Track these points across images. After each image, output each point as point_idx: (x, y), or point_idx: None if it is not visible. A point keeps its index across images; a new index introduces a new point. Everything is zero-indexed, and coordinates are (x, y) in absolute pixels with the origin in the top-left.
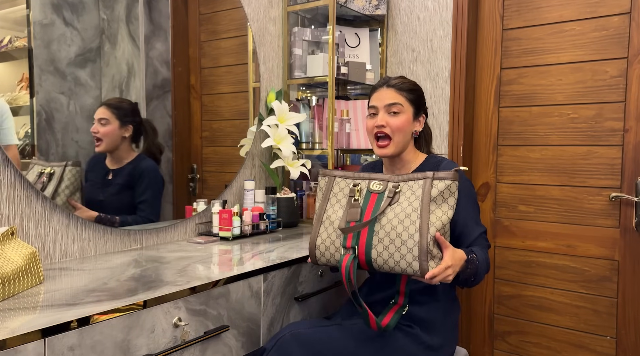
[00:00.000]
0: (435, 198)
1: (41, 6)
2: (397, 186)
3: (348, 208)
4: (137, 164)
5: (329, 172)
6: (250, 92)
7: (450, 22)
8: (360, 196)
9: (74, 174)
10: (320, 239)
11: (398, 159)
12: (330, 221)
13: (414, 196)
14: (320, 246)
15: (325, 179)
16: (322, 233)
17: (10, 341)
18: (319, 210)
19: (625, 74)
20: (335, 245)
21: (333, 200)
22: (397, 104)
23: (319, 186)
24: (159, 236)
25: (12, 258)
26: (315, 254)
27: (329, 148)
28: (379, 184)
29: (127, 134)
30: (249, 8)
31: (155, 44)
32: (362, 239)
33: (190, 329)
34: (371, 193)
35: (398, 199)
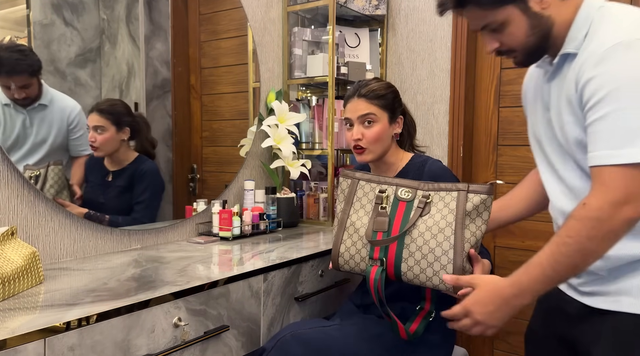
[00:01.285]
0: (470, 212)
1: (41, 6)
2: (427, 195)
3: (375, 216)
4: (137, 166)
5: (351, 173)
6: (250, 92)
7: (450, 22)
8: (388, 203)
9: (57, 173)
10: (345, 247)
11: (381, 163)
12: (355, 228)
13: (447, 209)
14: (344, 253)
15: (348, 181)
16: (346, 240)
17: (10, 341)
18: (342, 215)
19: None
20: (361, 254)
21: (357, 205)
22: (370, 114)
23: (340, 187)
24: (159, 236)
25: (12, 258)
26: (339, 262)
27: (329, 148)
28: (407, 192)
29: (126, 137)
30: (249, 8)
31: (155, 44)
32: (391, 251)
33: (190, 329)
34: (399, 201)
35: (429, 211)
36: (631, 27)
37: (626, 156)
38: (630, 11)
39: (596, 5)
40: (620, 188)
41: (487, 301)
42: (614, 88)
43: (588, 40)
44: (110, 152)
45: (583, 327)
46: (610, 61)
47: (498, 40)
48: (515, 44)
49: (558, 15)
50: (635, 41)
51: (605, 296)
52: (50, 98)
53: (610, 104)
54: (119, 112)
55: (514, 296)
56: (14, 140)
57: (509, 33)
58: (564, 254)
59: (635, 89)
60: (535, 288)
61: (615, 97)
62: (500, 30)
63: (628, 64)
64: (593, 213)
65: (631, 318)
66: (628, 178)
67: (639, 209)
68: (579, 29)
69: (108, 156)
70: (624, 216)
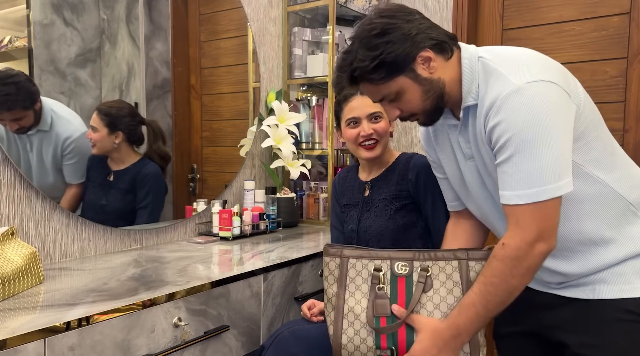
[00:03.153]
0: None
1: (41, 6)
2: (426, 268)
3: (373, 298)
4: (140, 169)
5: (337, 251)
6: (250, 92)
7: (450, 22)
8: (385, 282)
9: None
10: (347, 338)
11: (375, 161)
12: (354, 314)
13: (451, 281)
14: (347, 345)
15: (336, 261)
16: (347, 329)
17: (10, 341)
18: (336, 299)
19: (625, 74)
20: (367, 344)
21: (352, 287)
22: (378, 111)
23: (329, 268)
24: (159, 236)
25: (12, 258)
26: (342, 355)
27: (329, 148)
28: (404, 266)
29: (118, 141)
30: (249, 8)
31: (155, 44)
32: (401, 337)
33: (190, 329)
34: (397, 277)
35: (432, 285)
36: (516, 74)
37: (531, 196)
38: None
39: (474, 56)
40: (532, 226)
41: (429, 346)
42: (514, 133)
43: (482, 91)
44: (105, 152)
45: (556, 317)
46: (507, 108)
47: (398, 108)
48: (414, 109)
49: (446, 75)
50: (522, 86)
51: (579, 287)
52: (51, 123)
53: (512, 147)
54: (114, 116)
55: (452, 337)
56: (17, 162)
57: (406, 101)
58: (492, 294)
59: (532, 130)
60: (471, 327)
61: (516, 141)
62: (398, 99)
63: (522, 108)
64: (512, 252)
65: (609, 303)
66: (536, 216)
67: (550, 243)
68: (470, 83)
69: (109, 156)
70: (538, 252)
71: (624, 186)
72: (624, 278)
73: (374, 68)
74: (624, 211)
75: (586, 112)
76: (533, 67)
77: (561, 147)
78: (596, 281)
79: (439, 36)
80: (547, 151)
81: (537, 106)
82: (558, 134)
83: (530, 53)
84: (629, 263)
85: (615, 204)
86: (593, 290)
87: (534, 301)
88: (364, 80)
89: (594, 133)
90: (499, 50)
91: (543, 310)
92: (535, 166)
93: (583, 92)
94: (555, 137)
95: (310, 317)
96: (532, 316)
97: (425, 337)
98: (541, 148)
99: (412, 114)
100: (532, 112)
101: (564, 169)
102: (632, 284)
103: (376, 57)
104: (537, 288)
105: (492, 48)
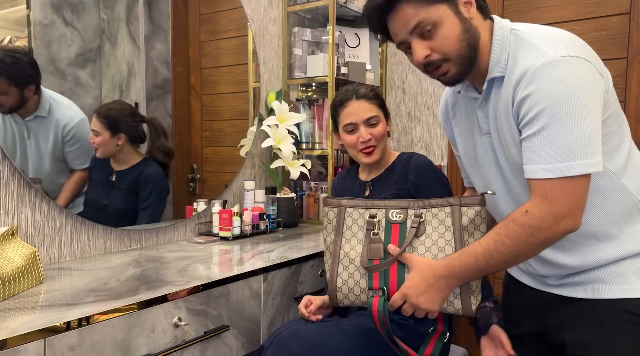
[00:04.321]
0: (467, 226)
1: (41, 6)
2: (419, 214)
3: (368, 244)
4: (142, 169)
5: (335, 201)
6: (250, 92)
7: None
8: (380, 228)
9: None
10: (342, 280)
11: (376, 162)
12: (349, 258)
13: (443, 226)
14: (342, 287)
15: (335, 210)
16: (342, 272)
17: (10, 341)
18: (334, 246)
19: (625, 74)
20: (360, 286)
21: (348, 234)
22: (374, 116)
23: (327, 217)
24: (159, 236)
25: (12, 258)
26: (337, 297)
27: (329, 148)
28: (398, 214)
29: (120, 142)
30: (249, 8)
31: (155, 44)
32: (392, 278)
33: (190, 329)
34: (392, 224)
35: (425, 230)
36: (551, 47)
37: (562, 170)
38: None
39: (507, 28)
40: (561, 201)
41: (420, 282)
42: (547, 105)
43: (511, 62)
44: (109, 155)
45: (557, 317)
46: (540, 79)
47: (429, 47)
48: (449, 50)
49: (481, 30)
50: (558, 59)
51: (578, 286)
52: (49, 109)
53: (544, 120)
54: (112, 117)
55: (444, 277)
56: (13, 150)
57: (442, 36)
58: (499, 251)
59: (565, 104)
60: (465, 274)
61: (548, 114)
62: (433, 33)
63: (556, 81)
64: (534, 221)
65: (608, 304)
66: (567, 191)
67: (576, 221)
68: (499, 53)
69: (112, 157)
70: (562, 228)
71: (634, 184)
72: (624, 278)
73: None
74: (632, 210)
75: (612, 101)
76: (569, 43)
77: (593, 125)
78: (595, 281)
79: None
80: (580, 126)
81: (573, 80)
82: (591, 111)
83: (567, 33)
84: (628, 262)
85: (623, 201)
86: (592, 290)
87: (537, 302)
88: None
89: (615, 125)
90: (533, 26)
91: (546, 310)
92: (568, 140)
93: (611, 81)
94: (589, 114)
95: (308, 316)
96: (536, 317)
97: (417, 274)
98: (574, 123)
99: (444, 57)
100: (567, 85)
101: (595, 147)
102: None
103: None
104: (534, 286)
105: (527, 24)
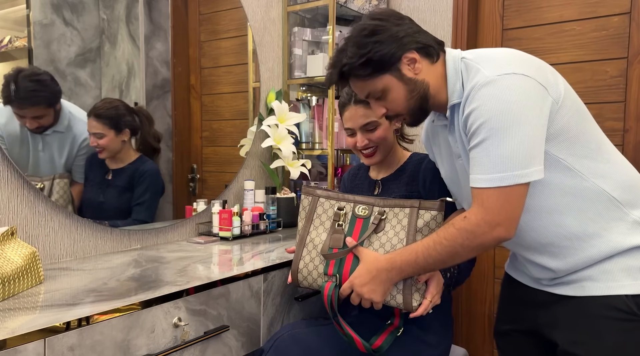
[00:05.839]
0: (421, 228)
1: (41, 6)
2: (382, 212)
3: (332, 233)
4: (138, 166)
5: (311, 190)
6: (250, 92)
7: (450, 22)
8: (345, 221)
9: (62, 187)
10: (303, 263)
11: (384, 161)
12: (313, 244)
13: (399, 225)
14: (302, 270)
15: (309, 199)
16: (305, 256)
17: (10, 341)
18: (302, 232)
19: (625, 74)
20: (318, 271)
21: (317, 222)
22: (371, 122)
23: (302, 204)
24: (159, 236)
25: (12, 258)
26: (298, 278)
27: (329, 148)
28: (364, 209)
29: (126, 138)
30: (249, 8)
31: (155, 44)
32: (346, 267)
33: (190, 329)
34: (356, 218)
35: (384, 227)
36: (490, 68)
37: (496, 180)
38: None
39: (457, 57)
40: (495, 209)
41: (364, 272)
42: (485, 120)
43: (465, 88)
44: (114, 154)
45: (549, 315)
46: (479, 98)
47: (384, 106)
48: (399, 109)
49: (431, 78)
50: (495, 78)
51: (569, 284)
52: (67, 124)
53: (483, 134)
54: (116, 115)
55: (386, 270)
56: (25, 161)
57: (391, 100)
58: (437, 251)
59: (500, 119)
60: (405, 269)
61: (486, 128)
62: (384, 97)
63: (492, 98)
64: (470, 227)
65: (596, 300)
66: (501, 200)
67: (510, 231)
68: (454, 82)
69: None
70: (495, 235)
71: (607, 181)
72: (611, 275)
73: (361, 65)
74: (608, 206)
75: (567, 107)
76: (507, 62)
77: (530, 137)
78: (584, 278)
79: (425, 40)
80: (515, 139)
81: (507, 96)
82: (528, 124)
83: (511, 51)
84: (615, 260)
85: (597, 198)
86: (581, 287)
87: (531, 300)
88: (352, 76)
89: (576, 128)
90: (481, 51)
91: (538, 308)
92: (502, 152)
93: (564, 88)
94: (524, 127)
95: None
96: (529, 315)
97: (363, 266)
98: (509, 136)
99: (397, 113)
100: (502, 101)
101: (531, 158)
102: (619, 281)
103: (364, 54)
104: (530, 285)
105: (476, 50)
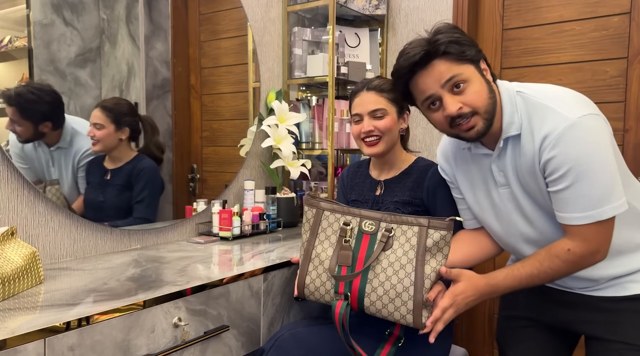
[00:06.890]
0: (430, 248)
1: (41, 6)
2: (390, 229)
3: (339, 249)
4: (135, 164)
5: (315, 202)
6: (250, 92)
7: (451, 22)
8: (352, 236)
9: (55, 193)
10: (310, 279)
11: (385, 161)
12: (320, 259)
13: (408, 244)
14: (309, 285)
15: (313, 211)
16: (311, 271)
17: (10, 341)
18: (307, 245)
19: (625, 74)
20: (325, 287)
21: (322, 236)
22: (380, 109)
23: (306, 216)
24: (159, 236)
25: (12, 258)
26: (304, 293)
27: (329, 148)
28: (371, 225)
29: (124, 136)
30: (249, 8)
31: (155, 44)
32: (355, 286)
33: (190, 329)
34: (363, 234)
35: (392, 245)
36: (567, 109)
37: (596, 216)
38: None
39: (512, 90)
40: (596, 240)
41: (469, 292)
42: (572, 166)
43: (525, 123)
44: (108, 149)
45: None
46: (563, 142)
47: (460, 101)
48: (479, 104)
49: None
50: (577, 120)
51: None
52: (70, 140)
53: (571, 177)
54: (120, 112)
55: (488, 293)
56: (43, 176)
57: (472, 92)
58: (540, 279)
59: (588, 161)
60: (504, 292)
61: (574, 172)
62: (464, 89)
63: (577, 142)
64: (576, 259)
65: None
66: (600, 232)
67: (606, 254)
68: (511, 114)
69: (107, 154)
70: (596, 260)
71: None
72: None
73: (455, 41)
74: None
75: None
76: (579, 102)
77: (613, 172)
78: (625, 282)
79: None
80: (604, 176)
81: (591, 138)
82: (610, 158)
83: (566, 89)
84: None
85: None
86: (623, 289)
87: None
88: (444, 54)
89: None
90: (536, 87)
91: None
92: (596, 191)
93: None
94: (608, 164)
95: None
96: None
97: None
98: (599, 174)
99: (474, 111)
100: (587, 143)
101: (619, 191)
102: None
103: (458, 38)
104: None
105: (527, 84)
